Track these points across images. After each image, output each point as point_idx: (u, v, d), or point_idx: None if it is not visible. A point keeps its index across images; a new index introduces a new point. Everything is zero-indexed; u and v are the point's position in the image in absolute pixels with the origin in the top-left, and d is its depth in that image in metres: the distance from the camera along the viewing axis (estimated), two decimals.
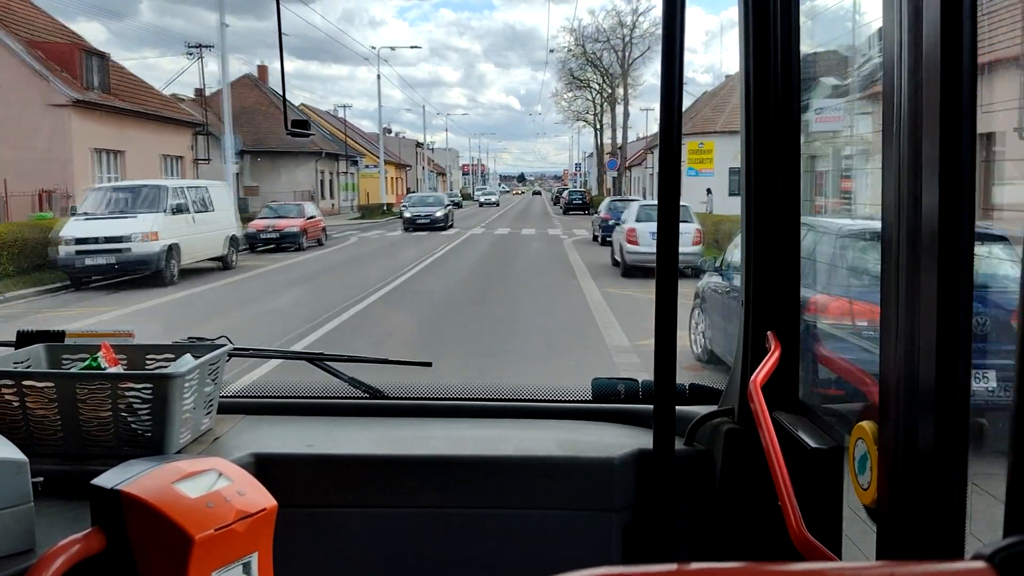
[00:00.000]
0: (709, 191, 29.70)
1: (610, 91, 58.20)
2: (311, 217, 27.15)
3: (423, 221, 33.89)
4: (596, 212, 29.52)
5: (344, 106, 73.50)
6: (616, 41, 54.38)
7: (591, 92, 61.80)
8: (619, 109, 57.00)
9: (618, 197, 33.46)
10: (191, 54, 36.67)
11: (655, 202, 1.86)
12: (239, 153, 43.81)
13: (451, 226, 35.71)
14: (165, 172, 31.54)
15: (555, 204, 68.08)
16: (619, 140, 56.45)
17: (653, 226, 1.92)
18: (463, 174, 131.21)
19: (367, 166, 59.15)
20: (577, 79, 60.46)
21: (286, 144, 44.79)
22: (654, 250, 1.66)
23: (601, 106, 61.77)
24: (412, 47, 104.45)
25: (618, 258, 18.60)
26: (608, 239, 22.35)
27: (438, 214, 34.73)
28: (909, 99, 1.08)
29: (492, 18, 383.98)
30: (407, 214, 34.64)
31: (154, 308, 14.36)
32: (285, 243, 25.30)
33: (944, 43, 1.01)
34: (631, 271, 17.11)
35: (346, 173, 56.26)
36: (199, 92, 46.87)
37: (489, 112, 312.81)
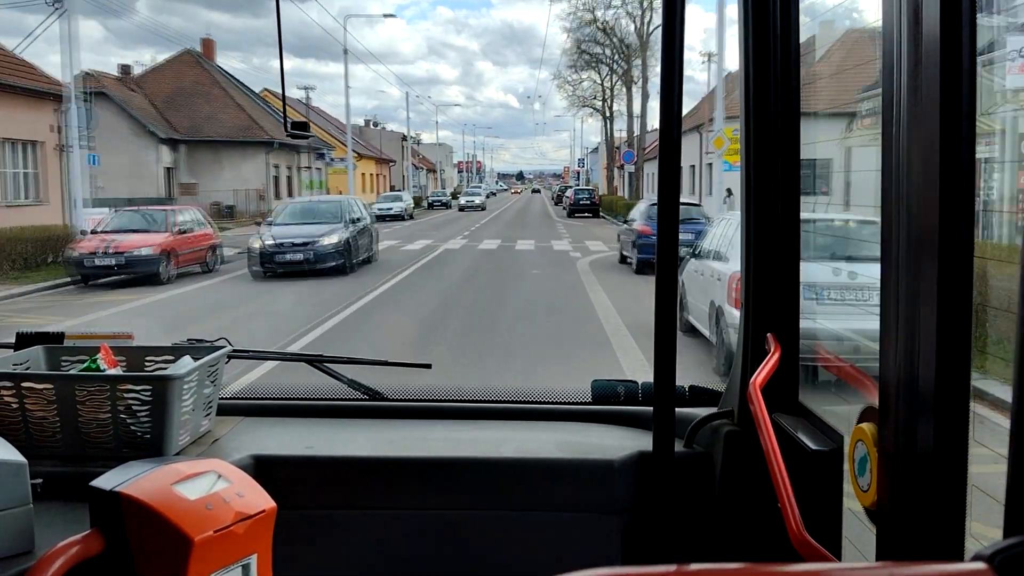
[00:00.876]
0: (729, 191, 21.33)
1: (625, 67, 47.92)
2: (185, 231, 17.64)
3: (294, 257, 17.13)
4: (624, 221, 19.90)
5: (307, 88, 58.29)
6: (633, 5, 43.97)
7: (600, 73, 51.94)
8: (636, 89, 46.16)
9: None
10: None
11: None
12: (170, 142, 35.84)
13: (371, 259, 19.73)
14: (8, 163, 22.35)
15: (556, 204, 64.14)
16: (635, 129, 46.24)
17: None
18: (458, 171, 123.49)
19: (332, 159, 48.30)
20: (585, 53, 49.57)
21: (229, 132, 37.26)
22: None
23: (612, 88, 52.15)
24: (386, 16, 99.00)
25: (698, 325, 9.47)
26: (647, 262, 14.99)
27: (326, 242, 17.40)
28: (909, 99, 1.08)
29: (490, 16, 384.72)
30: (265, 240, 17.46)
31: None
32: (136, 272, 16.16)
33: (944, 43, 1.01)
34: None
35: (310, 168, 45.83)
36: (125, 69, 39.75)
37: (487, 110, 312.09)
